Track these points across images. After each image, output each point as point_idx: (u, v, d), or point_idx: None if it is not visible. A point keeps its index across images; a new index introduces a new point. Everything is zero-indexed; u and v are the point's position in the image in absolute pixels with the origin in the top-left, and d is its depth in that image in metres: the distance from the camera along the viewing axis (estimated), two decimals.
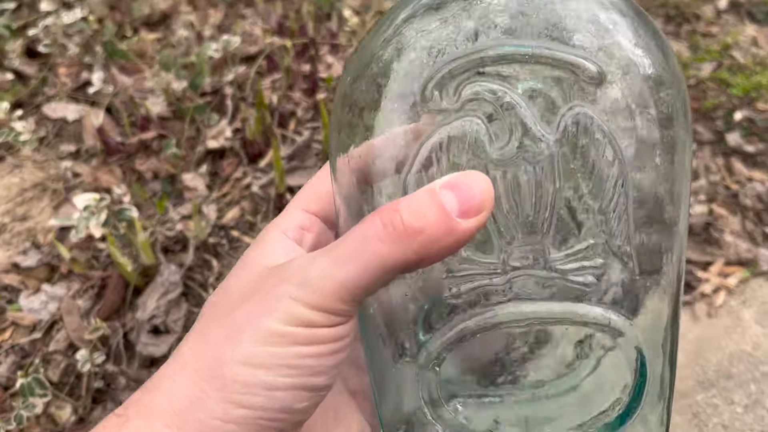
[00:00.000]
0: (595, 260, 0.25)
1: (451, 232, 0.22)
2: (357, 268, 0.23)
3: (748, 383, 1.15)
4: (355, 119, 0.25)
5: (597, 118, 0.23)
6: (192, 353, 0.24)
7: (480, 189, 0.23)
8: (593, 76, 0.23)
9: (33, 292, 1.22)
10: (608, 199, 0.24)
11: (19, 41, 1.58)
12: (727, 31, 1.67)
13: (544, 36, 0.23)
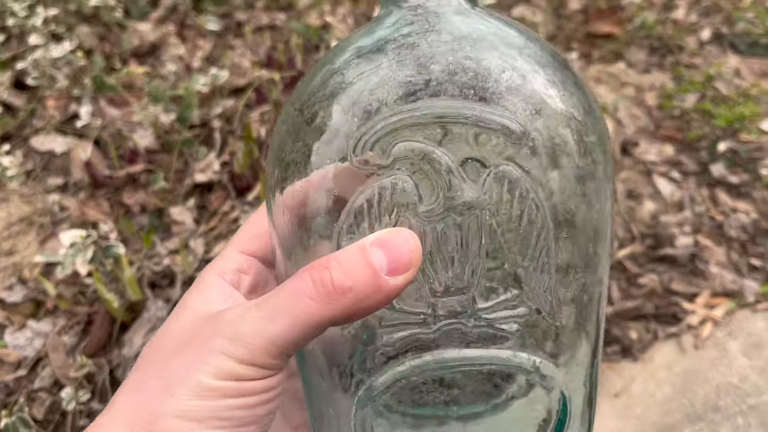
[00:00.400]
0: (518, 309, 0.26)
1: (379, 290, 0.23)
2: (286, 324, 0.23)
3: (735, 416, 1.15)
4: (291, 167, 0.25)
5: (520, 175, 0.24)
6: (128, 403, 0.24)
7: (408, 247, 0.23)
8: (516, 136, 0.24)
9: (18, 328, 1.21)
10: (531, 252, 0.25)
11: (8, 73, 1.58)
12: (710, 63, 1.70)
13: (470, 96, 0.24)
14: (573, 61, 1.67)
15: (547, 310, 0.26)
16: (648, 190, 1.45)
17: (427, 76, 0.24)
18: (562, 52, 1.71)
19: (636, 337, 1.24)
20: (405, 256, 0.23)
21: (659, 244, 1.35)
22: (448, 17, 0.26)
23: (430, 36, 0.25)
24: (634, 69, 1.68)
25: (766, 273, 1.32)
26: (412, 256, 0.23)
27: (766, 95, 1.60)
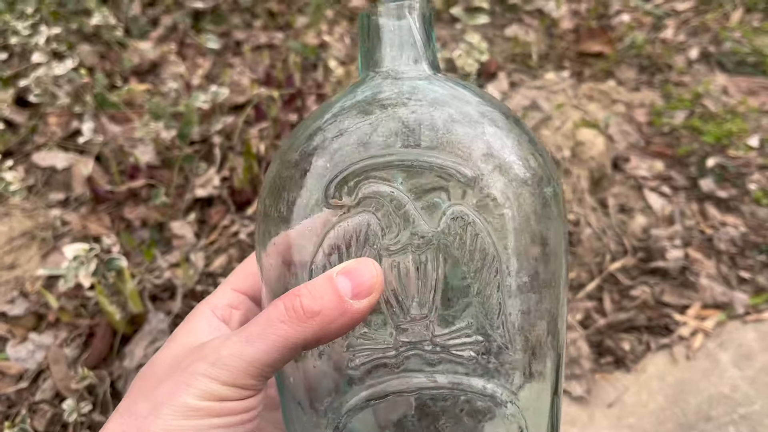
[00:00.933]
0: (475, 337, 0.28)
1: (344, 313, 0.26)
2: (263, 347, 0.26)
3: (727, 425, 1.17)
4: (275, 213, 0.29)
5: (472, 214, 0.27)
6: (118, 426, 0.27)
7: (370, 274, 0.26)
8: (468, 179, 0.27)
9: (20, 341, 1.22)
10: (484, 284, 0.28)
11: (10, 91, 1.60)
12: (699, 81, 1.74)
13: (428, 146, 0.27)
14: (565, 79, 1.71)
15: (500, 339, 0.28)
16: (639, 205, 1.48)
17: (394, 132, 0.28)
18: (554, 70, 1.75)
19: (629, 348, 1.27)
20: (367, 281, 0.26)
21: (651, 257, 1.38)
22: (416, 83, 0.30)
23: (400, 99, 0.29)
24: (625, 87, 1.72)
25: (755, 285, 1.34)
26: (374, 282, 0.26)
27: (753, 112, 1.64)
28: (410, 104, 0.29)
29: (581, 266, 1.37)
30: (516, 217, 0.28)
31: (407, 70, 0.31)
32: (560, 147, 1.50)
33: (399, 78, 0.31)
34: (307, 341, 0.26)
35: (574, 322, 1.28)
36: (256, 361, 0.26)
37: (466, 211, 0.27)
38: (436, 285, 0.28)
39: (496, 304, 0.28)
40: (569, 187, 1.47)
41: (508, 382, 0.29)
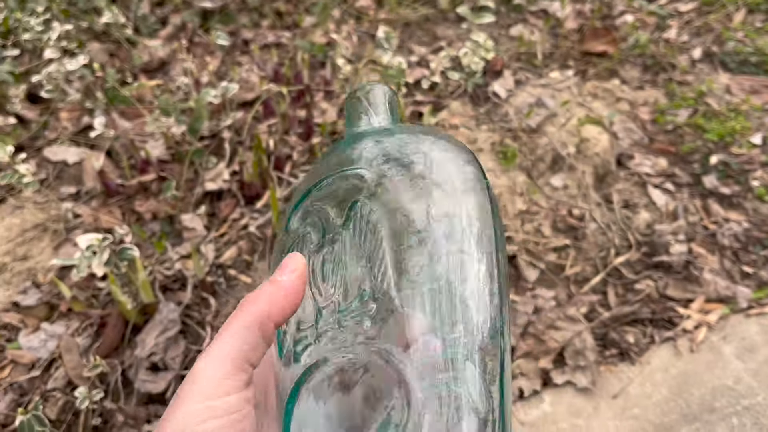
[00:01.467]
0: (371, 307, 0.32)
1: (280, 287, 0.32)
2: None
3: (730, 416, 1.19)
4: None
5: (363, 201, 0.34)
6: None
7: (293, 258, 0.34)
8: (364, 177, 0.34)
9: (32, 331, 1.24)
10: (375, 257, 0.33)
11: (22, 86, 1.63)
12: (702, 80, 1.76)
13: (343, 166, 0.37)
14: (569, 77, 1.73)
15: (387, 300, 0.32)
16: (643, 201, 1.50)
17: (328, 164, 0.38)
18: (558, 69, 1.77)
19: (633, 341, 1.28)
20: (292, 264, 0.33)
21: (655, 252, 1.39)
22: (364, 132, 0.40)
23: (348, 142, 0.39)
24: (629, 86, 1.74)
25: (758, 279, 1.36)
26: (296, 263, 0.34)
27: (756, 110, 1.66)
28: (346, 143, 0.38)
29: (586, 261, 1.39)
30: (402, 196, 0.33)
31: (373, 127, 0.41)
32: (565, 143, 1.51)
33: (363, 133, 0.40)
34: (260, 319, 0.32)
35: (579, 315, 1.30)
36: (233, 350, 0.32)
37: (359, 199, 0.34)
38: (340, 267, 0.33)
39: (385, 270, 0.32)
40: (574, 183, 1.48)
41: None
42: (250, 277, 1.28)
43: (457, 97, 1.67)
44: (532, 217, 1.42)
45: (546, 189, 1.47)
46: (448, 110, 1.61)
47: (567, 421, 1.19)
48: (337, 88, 1.63)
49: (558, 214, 1.43)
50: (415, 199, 0.33)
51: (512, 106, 1.63)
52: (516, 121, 1.57)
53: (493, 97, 1.67)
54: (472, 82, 1.65)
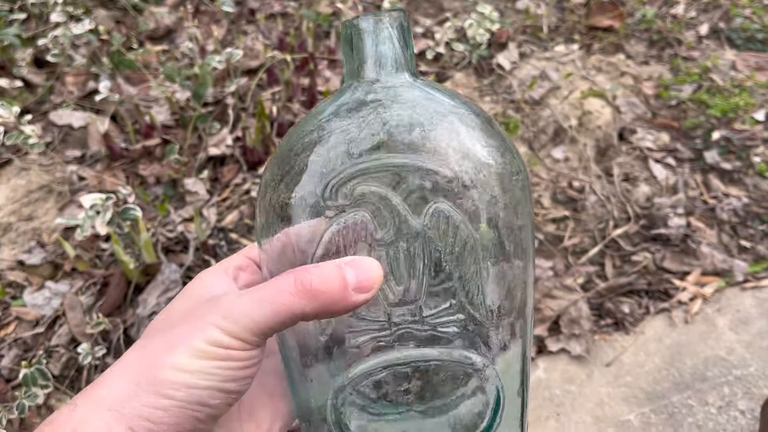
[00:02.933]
0: (457, 315, 0.32)
1: (345, 300, 0.30)
2: (269, 312, 0.30)
3: (721, 386, 1.20)
4: (275, 211, 0.33)
5: (451, 209, 0.31)
6: (134, 358, 0.31)
7: (374, 273, 0.30)
8: (448, 179, 0.31)
9: (37, 289, 1.26)
10: (464, 270, 0.32)
11: (28, 50, 1.64)
12: (708, 56, 1.75)
13: (414, 150, 0.31)
14: (574, 51, 1.72)
15: (480, 316, 0.33)
16: (644, 175, 1.50)
17: (380, 136, 0.32)
18: (564, 43, 1.77)
19: (628, 311, 1.30)
20: (370, 279, 0.30)
21: (653, 225, 1.40)
22: (397, 90, 0.34)
23: (387, 105, 0.33)
24: (633, 60, 1.74)
25: (755, 254, 1.37)
26: (375, 280, 0.31)
27: (760, 87, 1.66)
28: (393, 109, 0.32)
29: (585, 232, 1.40)
30: (490, 209, 0.32)
31: (388, 79, 0.34)
32: (567, 116, 1.52)
33: (382, 85, 0.34)
34: (307, 315, 0.30)
35: (576, 285, 1.31)
36: (261, 323, 0.30)
37: (447, 207, 0.31)
38: (423, 272, 0.32)
39: (474, 287, 0.32)
40: (575, 155, 1.49)
41: (488, 351, 0.33)
42: (251, 241, 1.30)
43: (461, 68, 1.67)
44: (533, 188, 1.43)
45: (547, 161, 1.48)
46: (452, 81, 1.62)
47: (560, 388, 1.21)
48: (341, 56, 1.64)
49: (558, 186, 1.44)
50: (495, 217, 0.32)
51: (516, 79, 1.63)
52: (519, 93, 1.57)
53: (497, 69, 1.67)
54: (476, 54, 1.65)
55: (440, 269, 0.32)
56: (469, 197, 0.31)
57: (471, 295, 0.32)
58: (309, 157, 0.32)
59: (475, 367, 0.33)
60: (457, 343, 0.33)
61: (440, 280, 0.32)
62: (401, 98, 0.33)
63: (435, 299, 0.32)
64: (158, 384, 0.29)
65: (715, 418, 1.16)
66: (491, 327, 0.33)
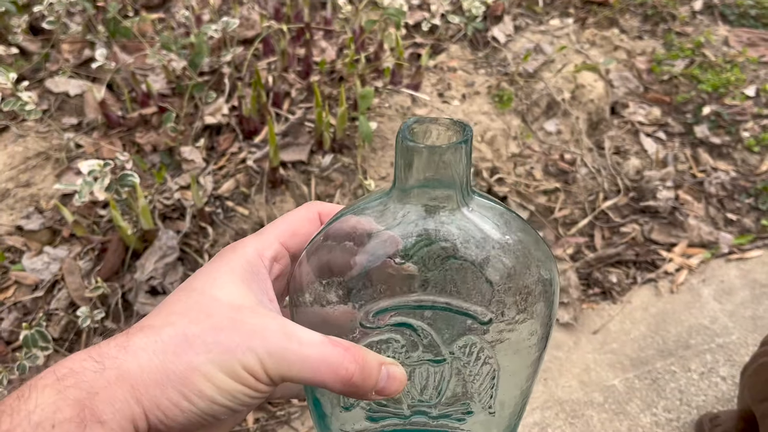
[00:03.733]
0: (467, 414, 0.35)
1: (368, 395, 0.33)
2: (305, 374, 0.32)
3: (704, 353, 1.24)
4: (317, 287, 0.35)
5: (483, 345, 0.33)
6: (173, 345, 0.31)
7: (399, 385, 0.33)
8: (485, 322, 0.32)
9: (35, 254, 1.28)
10: (483, 392, 0.35)
11: (24, 17, 1.63)
12: (701, 31, 1.77)
13: (453, 292, 0.32)
14: (568, 25, 1.73)
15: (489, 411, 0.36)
16: (635, 148, 1.53)
17: (427, 274, 0.32)
18: (559, 17, 1.78)
19: (616, 281, 1.33)
20: (394, 388, 0.33)
21: (642, 197, 1.43)
22: (448, 219, 0.32)
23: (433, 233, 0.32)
24: (627, 35, 1.75)
25: (741, 226, 1.40)
26: (399, 388, 0.33)
27: (752, 63, 1.67)
28: (439, 242, 0.31)
29: (575, 204, 1.42)
30: (524, 349, 0.33)
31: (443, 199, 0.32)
32: (560, 89, 1.53)
33: (434, 207, 0.32)
34: (332, 390, 0.33)
35: (565, 256, 1.34)
36: (293, 378, 0.32)
37: (478, 342, 0.32)
38: (445, 386, 0.34)
39: (488, 400, 0.35)
40: (568, 128, 1.51)
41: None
42: (247, 209, 1.32)
43: (456, 40, 1.68)
44: (525, 160, 1.45)
45: (539, 133, 1.50)
46: (447, 53, 1.63)
47: (548, 353, 1.24)
48: (337, 27, 1.64)
49: (550, 158, 1.46)
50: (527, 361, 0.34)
51: (510, 52, 1.64)
52: (513, 65, 1.58)
53: (492, 41, 1.68)
54: (471, 26, 1.65)
55: (459, 384, 0.34)
56: (503, 338, 0.32)
57: (485, 404, 0.35)
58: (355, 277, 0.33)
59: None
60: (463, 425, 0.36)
61: (459, 396, 0.35)
62: (449, 232, 0.32)
63: (450, 403, 0.35)
64: (187, 386, 0.31)
65: (697, 383, 1.20)
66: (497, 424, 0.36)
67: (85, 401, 0.29)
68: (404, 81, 1.53)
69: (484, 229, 0.32)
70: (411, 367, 0.33)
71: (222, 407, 0.32)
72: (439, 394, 0.34)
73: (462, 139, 0.30)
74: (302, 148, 1.39)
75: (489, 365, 0.33)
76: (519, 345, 0.33)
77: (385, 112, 1.46)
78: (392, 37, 1.51)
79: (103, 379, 0.30)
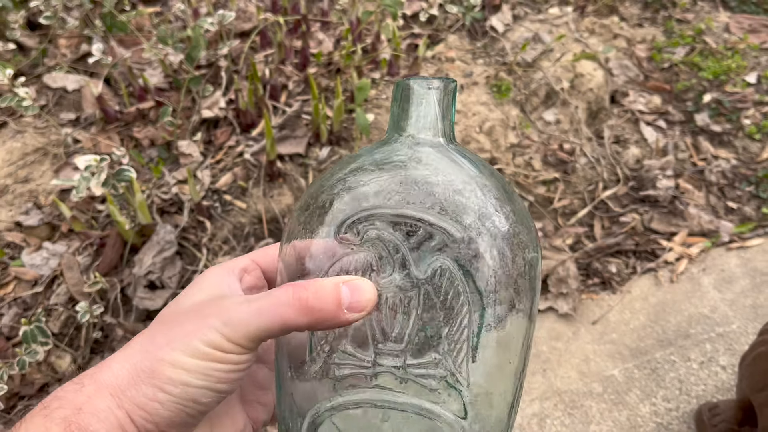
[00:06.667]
0: (438, 371, 0.34)
1: (337, 317, 0.32)
2: (266, 321, 0.33)
3: (704, 342, 1.23)
4: (302, 225, 0.36)
5: (454, 269, 0.33)
6: (138, 348, 0.33)
7: (368, 294, 0.33)
8: (455, 239, 0.33)
9: (35, 249, 1.28)
10: (454, 328, 0.34)
11: (21, 12, 1.63)
12: (702, 18, 1.75)
13: (428, 206, 0.33)
14: (568, 14, 1.72)
15: (461, 378, 0.34)
16: (634, 137, 1.52)
17: (401, 190, 0.34)
18: (558, 5, 1.76)
19: (615, 271, 1.32)
20: (364, 300, 0.32)
21: (642, 186, 1.42)
22: (430, 151, 0.36)
23: (411, 162, 0.35)
24: (627, 23, 1.74)
25: (741, 214, 1.39)
26: (368, 302, 0.33)
27: (753, 49, 1.66)
28: (419, 168, 0.34)
29: (574, 194, 1.42)
30: (493, 277, 0.33)
31: (426, 138, 0.37)
32: (559, 78, 1.52)
33: (419, 144, 0.36)
34: (300, 327, 0.33)
35: (565, 246, 1.33)
36: (258, 330, 0.33)
37: (450, 265, 0.33)
38: (414, 322, 0.33)
39: (461, 348, 0.34)
40: (567, 118, 1.50)
41: (461, 414, 0.34)
42: (245, 203, 1.32)
43: (454, 30, 1.67)
44: (524, 150, 1.44)
45: (538, 123, 1.49)
46: (445, 43, 1.62)
47: (547, 344, 1.24)
48: (334, 19, 1.63)
49: (549, 148, 1.45)
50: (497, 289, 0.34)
51: (509, 41, 1.63)
52: (512, 55, 1.57)
53: (490, 31, 1.67)
54: (470, 16, 1.64)
55: (431, 323, 0.33)
56: (474, 261, 0.33)
57: (456, 354, 0.34)
58: (335, 199, 0.35)
59: (447, 424, 0.34)
60: (434, 398, 0.34)
61: (430, 333, 0.34)
62: (430, 159, 0.35)
63: (421, 351, 0.34)
64: (157, 378, 0.32)
65: (696, 373, 1.19)
66: (470, 389, 0.34)
67: (71, 418, 0.30)
68: (401, 72, 1.52)
69: (460, 161, 0.36)
70: (381, 296, 0.33)
71: (199, 388, 0.32)
72: (409, 336, 0.33)
73: (449, 80, 0.37)
74: (299, 140, 1.39)
75: (461, 298, 0.33)
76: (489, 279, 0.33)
77: (382, 104, 1.45)
78: (389, 28, 1.50)
79: (84, 395, 0.31)
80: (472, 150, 1.39)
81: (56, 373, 1.20)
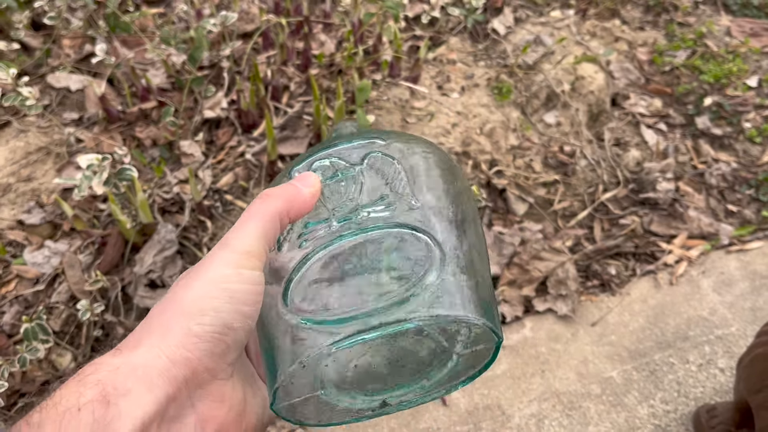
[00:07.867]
0: (386, 200, 0.39)
1: (299, 193, 0.38)
2: (256, 224, 0.37)
3: (703, 345, 1.24)
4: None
5: (383, 154, 0.41)
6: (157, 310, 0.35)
7: (313, 177, 0.40)
8: (381, 145, 0.42)
9: (36, 248, 1.29)
10: (395, 186, 0.40)
11: (25, 13, 1.64)
12: (703, 21, 1.75)
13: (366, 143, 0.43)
14: (569, 17, 1.72)
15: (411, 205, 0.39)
16: (635, 140, 1.52)
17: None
18: (559, 8, 1.77)
19: (615, 273, 1.32)
20: (311, 180, 0.39)
21: (642, 189, 1.42)
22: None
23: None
24: (629, 26, 1.74)
25: (741, 217, 1.39)
26: (315, 181, 0.40)
27: (754, 53, 1.66)
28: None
29: (574, 196, 1.42)
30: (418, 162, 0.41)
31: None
32: (560, 81, 1.53)
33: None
34: (281, 212, 0.37)
35: (564, 248, 1.34)
36: (255, 234, 0.36)
37: (380, 153, 0.41)
38: (362, 187, 0.40)
39: (407, 193, 0.39)
40: (567, 120, 1.50)
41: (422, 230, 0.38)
42: (246, 203, 1.32)
43: (456, 33, 1.67)
44: (524, 152, 1.45)
45: (539, 125, 1.49)
46: (447, 46, 1.62)
47: (546, 346, 1.24)
48: (336, 20, 1.64)
49: (549, 151, 1.46)
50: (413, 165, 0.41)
51: (510, 44, 1.63)
52: (513, 57, 1.58)
53: (492, 33, 1.67)
54: (472, 19, 1.65)
55: (376, 189, 0.39)
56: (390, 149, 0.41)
57: (402, 195, 0.39)
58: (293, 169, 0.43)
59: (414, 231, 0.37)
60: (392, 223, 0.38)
61: (376, 194, 0.39)
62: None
63: (372, 204, 0.39)
64: (187, 315, 0.33)
65: (695, 375, 1.19)
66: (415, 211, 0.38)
67: (105, 379, 0.31)
68: (403, 74, 1.53)
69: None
70: (331, 186, 0.40)
71: (228, 313, 0.34)
72: (360, 196, 0.39)
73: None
74: (300, 141, 1.39)
75: (396, 166, 0.40)
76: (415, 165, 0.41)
77: (383, 105, 1.46)
78: (391, 29, 1.51)
79: (122, 357, 0.32)
80: (473, 151, 1.40)
81: (57, 371, 1.20)
